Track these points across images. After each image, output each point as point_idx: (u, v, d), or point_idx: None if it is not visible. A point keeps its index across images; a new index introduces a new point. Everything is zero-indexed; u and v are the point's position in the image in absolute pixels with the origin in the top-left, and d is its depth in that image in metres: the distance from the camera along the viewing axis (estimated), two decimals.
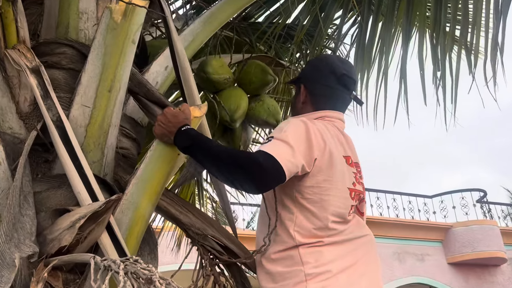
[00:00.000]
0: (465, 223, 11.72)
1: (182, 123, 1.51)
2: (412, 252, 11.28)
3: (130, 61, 1.62)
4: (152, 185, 1.51)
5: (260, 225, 1.65)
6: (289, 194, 1.54)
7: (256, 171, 1.38)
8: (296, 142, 1.47)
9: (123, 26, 1.57)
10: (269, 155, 1.40)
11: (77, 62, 1.65)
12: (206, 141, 1.50)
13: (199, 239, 1.57)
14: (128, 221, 1.46)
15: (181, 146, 1.50)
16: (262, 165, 1.38)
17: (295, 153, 1.44)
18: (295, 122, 1.54)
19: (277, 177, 1.40)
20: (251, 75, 2.32)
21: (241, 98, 2.20)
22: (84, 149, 1.51)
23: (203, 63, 2.22)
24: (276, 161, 1.39)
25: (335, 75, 1.75)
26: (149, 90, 1.71)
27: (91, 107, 1.54)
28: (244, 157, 1.43)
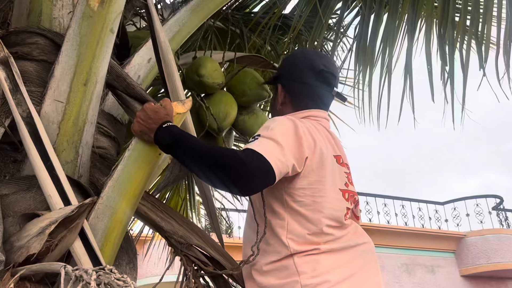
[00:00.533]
0: (480, 232, 11.72)
1: (163, 119, 1.49)
2: (422, 263, 11.27)
3: (108, 52, 1.61)
4: (130, 188, 1.50)
5: (247, 232, 1.64)
6: (279, 197, 1.53)
7: (243, 171, 1.36)
8: (285, 140, 1.46)
9: (100, 14, 1.56)
10: (256, 153, 1.39)
11: (50, 53, 1.64)
12: (189, 139, 1.49)
13: (182, 249, 1.56)
14: (104, 227, 1.45)
15: (162, 145, 1.49)
16: (249, 164, 1.37)
17: (284, 151, 1.43)
18: (282, 120, 1.54)
19: (265, 177, 1.39)
20: (245, 86, 2.33)
21: (231, 107, 2.21)
22: (56, 148, 1.50)
23: (196, 63, 2.21)
24: (264, 159, 1.38)
25: (313, 71, 1.75)
26: (129, 84, 1.70)
27: (64, 102, 1.53)
28: (230, 155, 1.41)
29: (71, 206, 1.35)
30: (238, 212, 10.56)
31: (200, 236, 1.60)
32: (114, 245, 1.48)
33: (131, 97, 1.72)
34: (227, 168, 1.38)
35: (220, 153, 1.43)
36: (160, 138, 1.48)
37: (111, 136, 1.78)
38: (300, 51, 2.17)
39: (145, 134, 1.50)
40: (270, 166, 1.38)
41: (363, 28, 2.98)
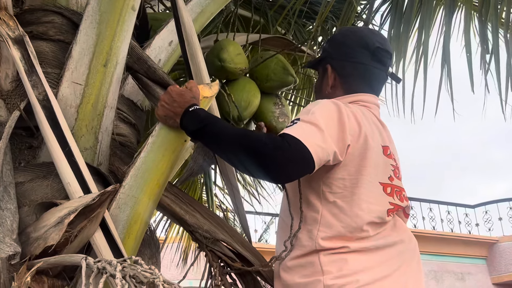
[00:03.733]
0: None
1: (189, 102, 1.45)
2: (451, 271, 11.14)
3: (129, 31, 1.58)
4: (154, 177, 1.47)
5: (280, 229, 1.59)
6: (315, 188, 1.47)
7: (277, 157, 1.31)
8: (327, 125, 1.40)
9: None
10: (294, 138, 1.33)
11: (67, 32, 1.62)
12: (218, 122, 1.44)
13: (208, 243, 1.52)
14: (126, 218, 1.42)
15: (190, 130, 1.44)
16: (286, 149, 1.31)
17: (325, 137, 1.38)
18: (325, 103, 1.48)
19: (304, 164, 1.34)
20: (269, 71, 2.27)
21: (254, 95, 2.16)
22: (75, 134, 1.47)
23: (217, 47, 2.16)
24: (303, 145, 1.32)
25: (368, 49, 1.67)
26: (151, 67, 1.67)
27: (83, 85, 1.51)
28: (264, 140, 1.35)
29: (92, 194, 1.32)
30: (254, 214, 10.54)
31: (226, 231, 1.56)
32: (137, 238, 1.45)
33: (152, 81, 1.69)
34: (260, 154, 1.33)
35: (253, 138, 1.38)
36: (187, 122, 1.44)
37: (131, 123, 1.75)
38: (348, 28, 2.04)
39: (170, 118, 1.47)
40: (309, 152, 1.33)
41: (396, 14, 2.92)
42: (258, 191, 4.36)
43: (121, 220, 1.41)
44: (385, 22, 3.37)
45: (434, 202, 12.06)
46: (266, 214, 10.63)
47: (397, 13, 3.05)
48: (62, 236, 1.28)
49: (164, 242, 4.94)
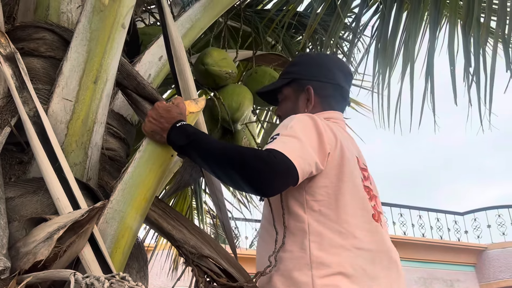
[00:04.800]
0: (502, 244, 11.65)
1: (176, 118, 1.49)
2: (440, 278, 11.21)
3: (119, 48, 1.61)
4: (141, 192, 1.49)
5: (263, 241, 1.62)
6: (298, 198, 1.51)
7: (263, 170, 1.35)
8: (306, 136, 1.45)
9: (112, 8, 1.56)
10: (277, 151, 1.38)
11: (58, 49, 1.65)
12: (205, 138, 1.48)
13: (194, 259, 1.55)
14: (113, 233, 1.45)
15: (177, 145, 1.48)
16: (270, 162, 1.35)
17: (306, 148, 1.43)
18: (301, 117, 1.54)
19: (288, 176, 1.38)
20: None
21: (244, 97, 2.19)
22: (64, 149, 1.50)
23: (201, 54, 2.21)
24: (286, 158, 1.37)
25: (343, 72, 1.79)
26: (140, 83, 1.70)
27: (73, 101, 1.53)
28: (249, 154, 1.40)
29: (81, 210, 1.34)
30: (245, 221, 10.56)
31: (212, 247, 1.59)
32: (124, 252, 1.47)
33: (142, 96, 1.72)
34: (246, 167, 1.37)
35: (238, 152, 1.42)
36: (174, 137, 1.47)
37: (121, 137, 1.78)
38: (320, 54, 2.18)
39: (157, 134, 1.50)
40: (293, 164, 1.37)
41: (383, 27, 2.97)
42: (247, 198, 4.40)
43: (108, 235, 1.44)
44: (375, 35, 3.43)
45: (423, 209, 12.15)
46: (257, 221, 10.66)
47: (384, 26, 3.11)
48: (52, 251, 1.30)
49: (154, 249, 4.95)
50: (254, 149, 1.50)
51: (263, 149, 1.44)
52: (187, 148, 1.47)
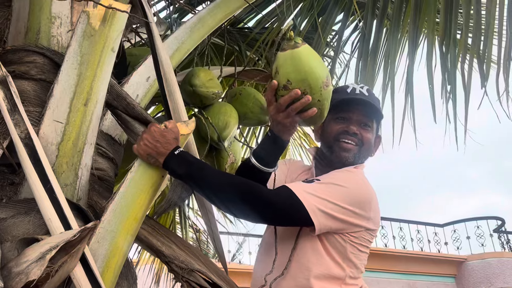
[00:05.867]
0: (481, 255, 11.78)
1: (172, 144, 1.55)
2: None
3: (109, 71, 1.65)
4: (132, 212, 1.53)
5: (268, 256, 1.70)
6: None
7: (276, 217, 1.57)
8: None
9: (102, 32, 1.60)
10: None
11: (49, 72, 1.68)
12: (206, 169, 1.57)
13: (184, 274, 1.59)
14: (104, 252, 1.48)
15: (177, 173, 1.54)
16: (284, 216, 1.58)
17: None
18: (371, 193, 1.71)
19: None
20: (247, 109, 2.37)
21: (230, 116, 2.25)
22: (55, 171, 1.53)
23: (189, 74, 2.26)
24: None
25: None
26: (129, 104, 1.74)
27: (64, 123, 1.57)
28: (259, 194, 1.57)
29: (73, 231, 1.37)
30: (227, 235, 10.54)
31: (202, 261, 1.63)
32: (115, 271, 1.51)
33: (131, 116, 1.76)
34: (253, 205, 1.53)
35: (247, 191, 1.55)
36: (173, 165, 1.53)
37: (109, 157, 1.81)
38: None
39: (152, 157, 1.55)
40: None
41: (363, 45, 3.06)
42: None
43: (100, 254, 1.47)
44: (355, 51, 3.52)
45: (404, 221, 12.26)
46: (239, 234, 10.64)
47: (364, 43, 3.20)
48: (44, 271, 1.33)
49: (137, 264, 4.95)
50: (267, 191, 1.61)
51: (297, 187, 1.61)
52: (186, 176, 1.54)
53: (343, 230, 1.60)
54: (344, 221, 1.59)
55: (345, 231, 1.60)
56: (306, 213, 1.53)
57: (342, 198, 1.59)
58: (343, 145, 1.73)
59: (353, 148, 1.73)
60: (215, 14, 2.22)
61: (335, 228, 1.59)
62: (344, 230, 1.60)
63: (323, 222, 1.55)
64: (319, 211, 1.54)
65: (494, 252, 11.84)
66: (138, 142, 1.57)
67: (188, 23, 2.19)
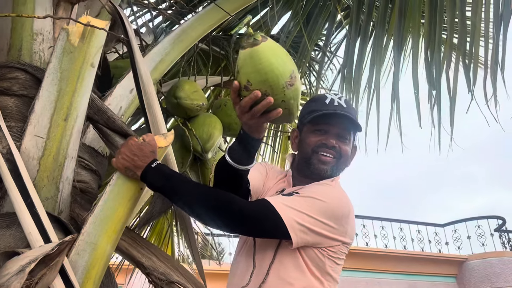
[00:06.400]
0: (482, 255, 11.80)
1: (149, 157, 1.58)
2: None
3: (89, 86, 1.69)
4: (111, 224, 1.57)
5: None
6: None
7: (254, 230, 1.61)
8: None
9: (81, 49, 1.65)
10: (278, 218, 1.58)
11: (31, 87, 1.72)
12: (182, 181, 1.60)
13: (163, 285, 1.63)
14: (84, 264, 1.52)
15: (154, 186, 1.58)
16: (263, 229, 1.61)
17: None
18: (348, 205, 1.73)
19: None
20: (231, 120, 2.41)
21: (214, 127, 2.29)
22: (36, 185, 1.57)
23: (174, 86, 2.31)
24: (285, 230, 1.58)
25: None
26: (110, 118, 1.78)
27: (45, 138, 1.61)
28: (235, 205, 1.58)
29: (51, 244, 1.42)
30: (228, 237, 10.59)
31: (181, 273, 1.67)
32: (95, 282, 1.54)
33: (112, 130, 1.80)
34: (230, 218, 1.56)
35: (222, 202, 1.58)
36: (151, 178, 1.57)
37: (92, 170, 1.86)
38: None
39: (130, 171, 1.59)
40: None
41: (349, 52, 3.10)
42: None
43: (80, 266, 1.51)
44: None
45: (404, 222, 12.29)
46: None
47: (350, 49, 3.24)
48: (24, 284, 1.37)
49: (134, 269, 5.00)
50: (244, 203, 1.64)
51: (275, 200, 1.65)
52: (163, 189, 1.58)
53: (320, 244, 1.63)
54: (321, 235, 1.62)
55: (322, 245, 1.63)
56: (284, 226, 1.56)
57: (321, 212, 1.61)
58: (321, 157, 1.75)
59: (331, 161, 1.75)
60: (195, 27, 2.26)
61: (312, 242, 1.62)
62: (321, 244, 1.63)
63: (300, 235, 1.58)
64: (297, 224, 1.57)
65: (495, 251, 11.87)
66: (117, 155, 1.61)
67: (171, 35, 2.23)
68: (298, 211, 1.59)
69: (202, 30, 2.31)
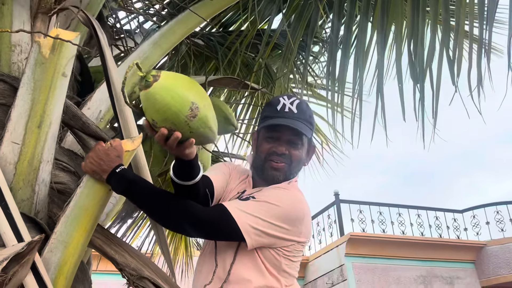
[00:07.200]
0: (501, 241, 11.72)
1: (114, 162, 1.69)
2: (440, 275, 11.31)
3: (61, 94, 1.80)
4: (82, 223, 1.69)
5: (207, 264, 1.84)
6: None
7: (211, 234, 1.76)
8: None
9: (52, 60, 1.75)
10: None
11: (9, 96, 1.84)
12: (142, 188, 1.72)
13: (134, 280, 1.74)
14: (57, 261, 1.65)
15: (117, 190, 1.69)
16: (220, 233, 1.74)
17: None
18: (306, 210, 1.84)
19: None
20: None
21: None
22: (13, 188, 1.69)
23: None
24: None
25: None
26: (85, 123, 1.89)
27: (20, 144, 1.73)
28: (197, 216, 1.71)
29: (22, 243, 1.54)
30: None
31: (151, 269, 1.78)
32: (68, 277, 1.67)
33: (87, 134, 1.91)
34: (187, 224, 1.71)
35: (181, 208, 1.69)
36: (115, 182, 1.68)
37: (71, 171, 1.97)
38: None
39: (97, 174, 1.70)
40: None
41: (333, 45, 3.15)
42: None
43: (53, 262, 1.64)
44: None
45: (422, 208, 12.25)
46: None
47: (333, 44, 3.28)
48: None
49: (151, 255, 5.19)
50: (202, 210, 1.74)
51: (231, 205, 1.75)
52: (126, 193, 1.70)
53: (276, 245, 1.73)
54: (276, 237, 1.72)
55: (277, 246, 1.73)
56: (238, 230, 1.66)
57: (275, 216, 1.71)
58: (273, 164, 1.84)
59: (282, 167, 1.84)
60: (174, 30, 2.36)
61: (267, 243, 1.72)
62: (277, 245, 1.73)
63: (254, 238, 1.68)
64: (252, 228, 1.68)
65: None
66: (85, 159, 1.72)
67: (150, 39, 2.33)
68: (252, 216, 1.69)
69: (180, 34, 2.40)
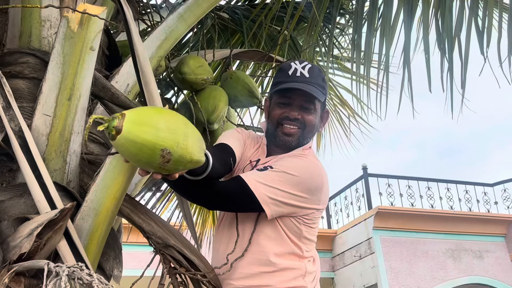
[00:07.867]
0: None
1: None
2: (469, 249, 11.23)
3: (90, 67, 1.85)
4: (111, 192, 1.75)
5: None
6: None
7: (231, 207, 1.81)
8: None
9: (80, 34, 1.80)
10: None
11: (40, 70, 1.90)
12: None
13: (160, 248, 1.80)
14: (88, 227, 1.72)
15: None
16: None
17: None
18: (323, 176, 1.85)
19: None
20: (237, 92, 2.53)
21: (219, 100, 2.42)
22: (46, 158, 1.76)
23: (180, 62, 2.44)
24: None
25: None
26: (114, 94, 1.94)
27: (51, 116, 1.79)
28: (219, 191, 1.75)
29: (55, 210, 1.61)
30: None
31: (177, 238, 1.84)
32: (99, 243, 1.74)
33: (117, 105, 1.96)
34: (208, 198, 1.76)
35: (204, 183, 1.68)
36: None
37: (101, 142, 2.04)
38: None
39: None
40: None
41: (358, 17, 3.12)
42: None
43: (84, 229, 1.71)
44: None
45: (451, 182, 12.11)
46: None
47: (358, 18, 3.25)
48: (33, 245, 1.57)
49: (180, 227, 5.32)
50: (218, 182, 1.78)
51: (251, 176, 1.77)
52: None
53: (296, 214, 1.76)
54: (295, 206, 1.75)
55: (297, 215, 1.76)
56: (257, 201, 1.69)
57: (294, 186, 1.73)
58: (285, 130, 1.84)
59: (295, 132, 1.84)
60: (200, 4, 2.36)
61: (287, 212, 1.75)
62: (297, 214, 1.76)
63: (274, 209, 1.72)
64: (270, 199, 1.71)
65: None
66: None
67: (175, 13, 2.34)
68: (271, 187, 1.71)
69: (206, 7, 2.40)
